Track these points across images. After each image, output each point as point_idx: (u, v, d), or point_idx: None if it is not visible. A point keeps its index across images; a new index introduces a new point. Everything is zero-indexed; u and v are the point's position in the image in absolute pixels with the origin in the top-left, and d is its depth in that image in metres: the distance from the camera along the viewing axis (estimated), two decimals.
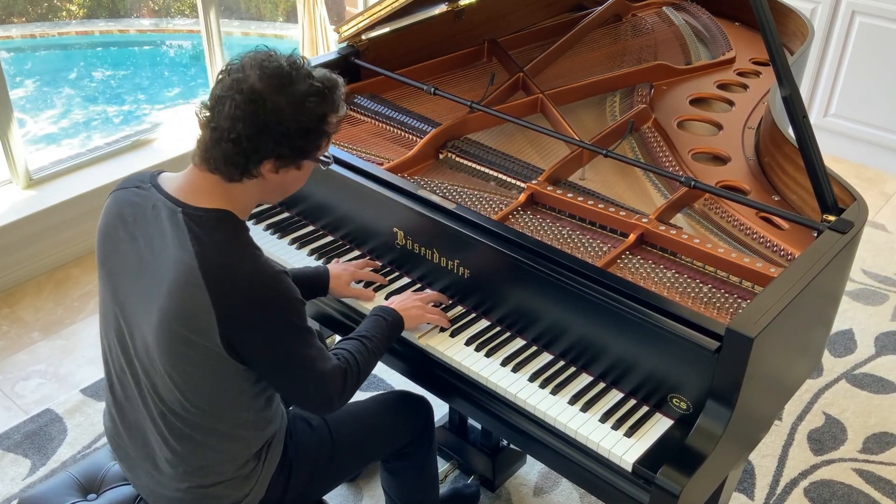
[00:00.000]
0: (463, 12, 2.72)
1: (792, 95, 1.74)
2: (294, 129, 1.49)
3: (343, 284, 1.97)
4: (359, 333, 1.78)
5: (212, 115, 1.49)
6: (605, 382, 1.77)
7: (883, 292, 3.47)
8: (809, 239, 1.91)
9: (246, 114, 1.46)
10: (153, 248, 1.55)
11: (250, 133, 1.47)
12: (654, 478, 1.55)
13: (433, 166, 2.23)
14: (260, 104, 1.46)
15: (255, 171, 1.52)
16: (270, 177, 1.55)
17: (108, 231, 1.62)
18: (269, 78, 1.47)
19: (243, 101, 1.45)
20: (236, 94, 1.46)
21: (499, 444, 2.46)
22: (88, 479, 1.86)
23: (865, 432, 2.79)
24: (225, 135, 1.47)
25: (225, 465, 1.66)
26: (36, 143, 5.05)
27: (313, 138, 1.54)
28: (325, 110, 1.53)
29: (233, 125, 1.46)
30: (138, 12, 6.60)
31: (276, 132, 1.48)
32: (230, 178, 1.53)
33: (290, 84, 1.48)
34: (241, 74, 1.48)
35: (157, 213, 1.55)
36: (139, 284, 1.57)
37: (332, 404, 1.66)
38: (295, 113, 1.48)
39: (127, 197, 1.61)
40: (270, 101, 1.46)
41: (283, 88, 1.47)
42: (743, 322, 1.52)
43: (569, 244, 1.94)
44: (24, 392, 2.90)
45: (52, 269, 3.47)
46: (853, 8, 4.12)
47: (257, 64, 1.48)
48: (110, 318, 1.65)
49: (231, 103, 1.46)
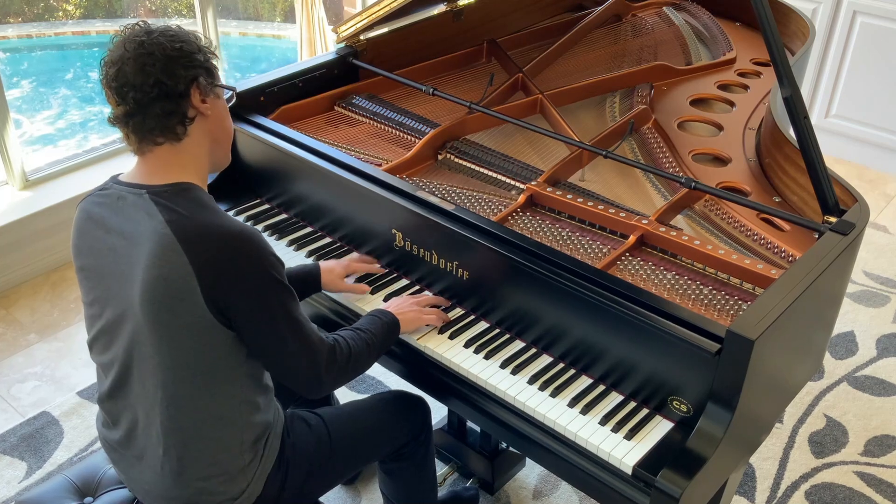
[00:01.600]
0: (462, 12, 2.72)
1: (793, 96, 1.73)
2: (187, 49, 1.56)
3: (336, 279, 1.97)
4: (354, 326, 1.80)
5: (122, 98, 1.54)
6: (605, 385, 1.76)
7: (884, 294, 3.46)
8: (810, 240, 1.90)
9: (146, 57, 1.52)
10: (125, 233, 1.58)
11: (159, 67, 1.52)
12: (655, 481, 1.54)
13: (432, 167, 2.23)
14: (149, 45, 1.53)
15: (189, 109, 1.57)
16: (205, 110, 1.59)
17: (82, 235, 1.65)
18: (135, 37, 1.54)
19: (137, 54, 1.52)
20: (125, 59, 1.52)
21: (498, 447, 2.45)
22: (85, 482, 1.86)
23: (867, 435, 2.78)
24: (147, 91, 1.52)
25: (219, 455, 1.65)
26: (32, 144, 5.04)
27: (203, 54, 1.60)
28: (190, 37, 1.60)
29: (144, 75, 1.51)
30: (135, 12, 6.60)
31: (177, 56, 1.54)
32: (176, 134, 1.58)
33: (150, 28, 1.57)
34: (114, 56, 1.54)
35: (124, 202, 1.59)
36: (117, 274, 1.59)
37: (319, 380, 1.66)
38: (172, 38, 1.56)
39: (91, 200, 1.66)
40: (153, 40, 1.53)
41: (149, 31, 1.55)
42: (744, 324, 1.52)
43: (568, 246, 1.94)
44: (20, 394, 2.89)
45: (49, 271, 3.46)
46: (854, 8, 4.12)
47: (117, 41, 1.56)
48: (97, 319, 1.65)
49: (130, 65, 1.51)
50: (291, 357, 1.62)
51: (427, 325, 1.89)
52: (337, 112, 2.41)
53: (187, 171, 1.60)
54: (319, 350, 1.64)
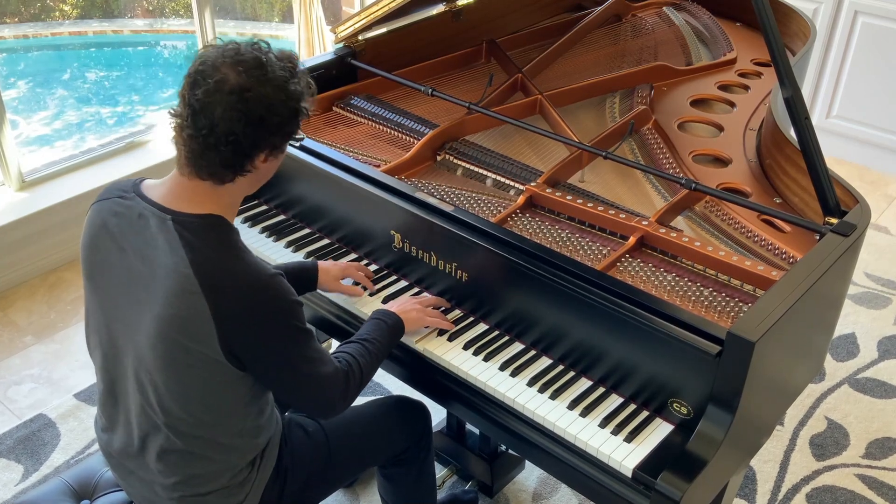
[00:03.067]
0: (461, 12, 2.71)
1: (794, 96, 1.73)
2: (286, 116, 1.50)
3: (332, 279, 1.96)
4: (360, 337, 1.77)
5: (195, 123, 1.45)
6: (605, 387, 1.75)
7: (886, 296, 3.45)
8: (811, 242, 1.90)
9: (241, 113, 1.44)
10: (144, 258, 1.52)
11: (248, 130, 1.45)
12: (655, 483, 1.54)
13: (431, 168, 2.22)
14: (252, 100, 1.44)
15: (249, 166, 1.52)
16: (261, 167, 1.54)
17: (94, 243, 1.60)
18: (248, 71, 1.45)
19: (235, 101, 1.43)
20: (225, 97, 1.43)
21: (497, 450, 2.44)
22: (82, 485, 1.85)
23: (868, 437, 2.77)
24: (222, 139, 1.45)
25: (219, 473, 1.64)
26: (29, 145, 5.02)
27: (298, 120, 1.54)
28: (302, 89, 1.53)
29: (229, 128, 1.44)
30: (132, 12, 6.59)
31: (272, 123, 1.48)
32: (223, 180, 1.51)
33: (269, 71, 1.47)
34: (219, 75, 1.44)
35: (145, 222, 1.53)
36: (131, 296, 1.55)
37: (333, 408, 1.65)
38: (283, 100, 1.48)
39: (110, 207, 1.58)
40: (259, 93, 1.45)
41: (264, 78, 1.46)
42: (744, 326, 1.51)
43: (568, 247, 1.93)
44: (16, 397, 2.88)
45: (45, 273, 3.44)
46: (856, 8, 4.11)
47: (229, 60, 1.45)
48: (102, 331, 1.62)
49: (222, 107, 1.43)
50: (306, 393, 1.62)
51: (426, 328, 1.88)
52: (335, 113, 2.40)
53: (220, 206, 1.54)
54: (335, 382, 1.62)
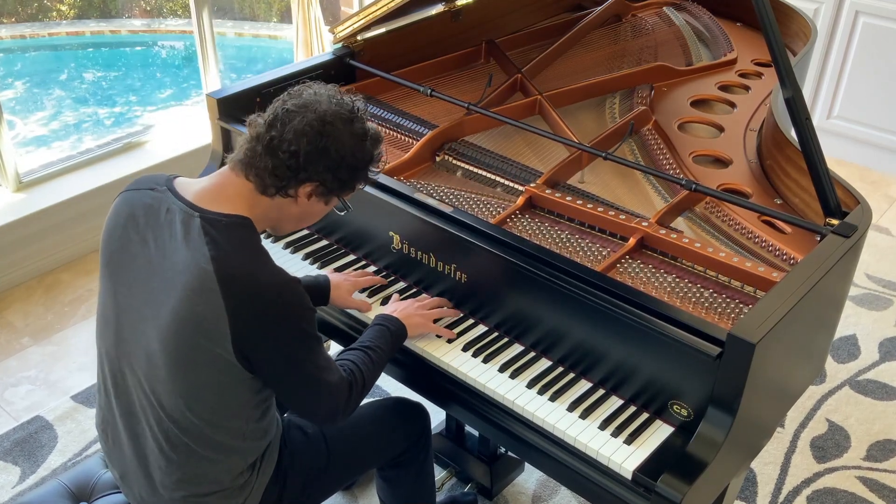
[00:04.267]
0: (460, 12, 2.70)
1: (794, 97, 1.73)
2: (347, 162, 1.58)
3: (344, 295, 1.96)
4: (363, 344, 1.77)
5: (272, 126, 1.55)
6: (605, 389, 1.75)
7: (887, 297, 3.44)
8: (812, 243, 1.89)
9: (314, 131, 1.53)
10: (164, 251, 1.54)
11: (309, 150, 1.53)
12: (655, 486, 1.54)
13: (430, 169, 2.21)
14: (328, 128, 1.54)
15: (293, 190, 1.57)
16: (302, 202, 1.60)
17: (117, 231, 1.61)
18: (339, 109, 1.57)
19: (315, 119, 1.54)
20: (309, 113, 1.54)
21: (496, 452, 2.44)
22: (79, 487, 1.84)
23: (869, 439, 2.77)
24: (284, 146, 1.53)
25: (221, 475, 1.64)
26: (26, 146, 5.00)
27: (356, 177, 1.63)
28: (374, 155, 1.63)
29: (296, 139, 1.53)
30: (130, 12, 6.59)
31: (332, 159, 1.56)
32: (264, 189, 1.56)
33: (355, 122, 1.59)
34: (315, 99, 1.57)
35: (172, 217, 1.55)
36: (147, 288, 1.55)
37: (336, 416, 1.66)
38: (353, 147, 1.58)
39: (140, 198, 1.61)
40: (337, 129, 1.55)
41: (349, 123, 1.57)
42: (745, 327, 1.51)
43: (568, 248, 1.92)
44: (13, 399, 2.87)
45: (42, 274, 3.43)
46: (857, 8, 4.10)
47: (327, 94, 1.59)
48: (110, 320, 1.62)
49: (302, 119, 1.53)
50: (311, 400, 1.62)
51: None
52: None
53: (252, 212, 1.58)
54: (340, 390, 1.63)
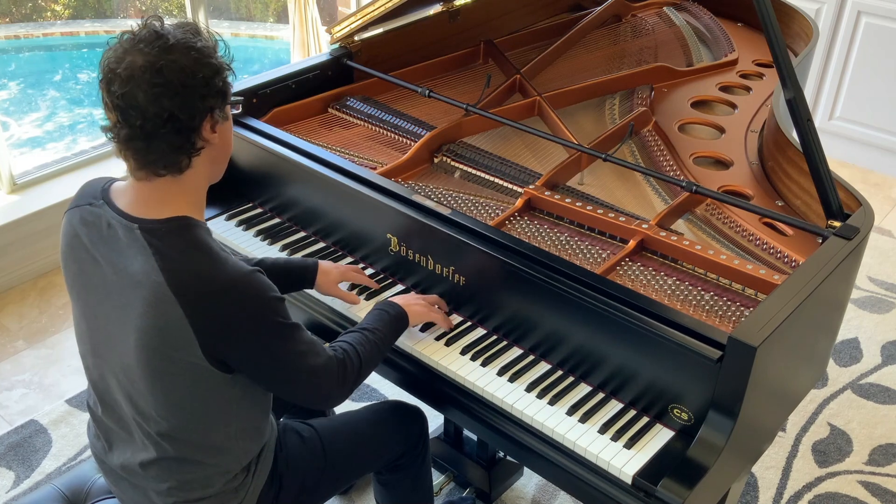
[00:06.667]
0: (458, 13, 2.70)
1: (796, 98, 1.72)
2: (208, 74, 1.43)
3: (330, 282, 1.93)
4: (360, 326, 1.76)
5: (126, 120, 1.41)
6: (605, 392, 1.74)
7: (889, 300, 3.43)
8: (814, 245, 1.88)
9: (162, 87, 1.38)
10: (115, 267, 1.50)
11: (177, 102, 1.40)
12: (655, 490, 1.53)
13: (428, 171, 2.20)
14: (166, 70, 1.39)
15: (198, 141, 1.46)
16: (212, 139, 1.49)
17: (70, 253, 1.58)
18: (148, 48, 1.40)
19: (151, 78, 1.38)
20: (140, 80, 1.38)
21: (495, 456, 2.43)
22: (74, 492, 1.82)
23: (871, 444, 2.75)
24: (158, 122, 1.39)
25: (214, 478, 1.62)
26: (20, 147, 5.00)
27: (223, 76, 1.48)
28: (211, 45, 1.47)
29: (159, 107, 1.39)
30: (125, 13, 6.58)
31: (197, 85, 1.42)
32: (180, 167, 1.47)
33: (170, 38, 1.41)
34: (122, 66, 1.39)
35: (114, 232, 1.50)
36: (108, 306, 1.52)
37: (330, 398, 1.63)
38: (196, 58, 1.42)
39: (81, 216, 1.56)
40: (170, 61, 1.39)
41: (167, 46, 1.40)
42: (746, 331, 1.50)
43: (567, 250, 1.91)
44: (7, 402, 2.85)
45: (37, 277, 3.42)
46: (859, 8, 4.09)
47: (128, 46, 1.41)
48: (86, 339, 1.61)
49: (142, 91, 1.38)
50: (301, 386, 1.59)
51: (422, 333, 1.86)
52: (331, 114, 2.39)
53: (185, 204, 1.50)
54: (329, 371, 1.60)
